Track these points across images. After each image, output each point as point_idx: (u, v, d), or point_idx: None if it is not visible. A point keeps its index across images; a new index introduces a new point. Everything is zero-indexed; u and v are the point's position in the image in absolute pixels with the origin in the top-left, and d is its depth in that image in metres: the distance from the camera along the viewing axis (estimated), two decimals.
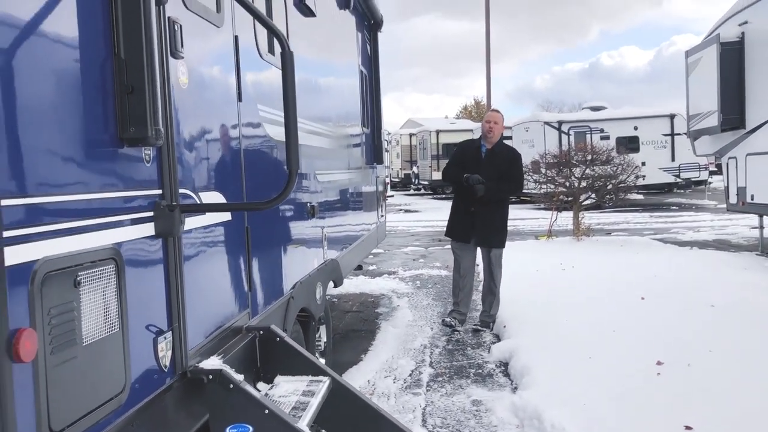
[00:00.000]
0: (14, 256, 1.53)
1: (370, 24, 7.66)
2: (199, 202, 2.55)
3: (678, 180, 23.03)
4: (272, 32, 2.44)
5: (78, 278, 1.76)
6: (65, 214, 1.75)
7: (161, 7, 2.21)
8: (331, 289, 5.20)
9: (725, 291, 7.16)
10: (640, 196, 22.51)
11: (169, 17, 2.28)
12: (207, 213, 2.65)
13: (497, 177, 6.12)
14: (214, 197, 2.70)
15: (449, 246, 6.70)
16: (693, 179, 23.20)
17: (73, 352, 1.73)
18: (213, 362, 2.49)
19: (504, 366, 5.24)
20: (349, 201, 6.09)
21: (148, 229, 2.17)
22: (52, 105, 1.74)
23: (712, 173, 24.53)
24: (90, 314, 1.81)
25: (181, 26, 2.35)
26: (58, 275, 1.68)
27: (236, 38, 3.01)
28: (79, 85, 1.86)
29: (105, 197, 1.94)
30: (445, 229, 6.59)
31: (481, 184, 6.03)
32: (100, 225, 1.89)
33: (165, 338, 2.23)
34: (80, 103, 1.85)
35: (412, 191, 35.80)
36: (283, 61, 2.37)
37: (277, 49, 3.48)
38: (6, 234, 1.50)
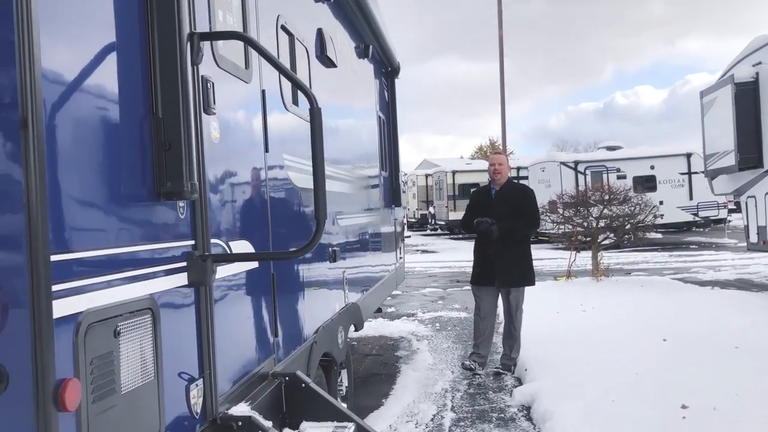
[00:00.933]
0: (61, 308, 1.61)
1: (387, 71, 7.86)
2: (228, 250, 2.63)
3: (696, 218, 22.89)
4: (302, 90, 2.55)
5: (118, 328, 1.84)
6: (107, 267, 1.84)
7: (195, 67, 2.33)
8: (351, 333, 5.23)
9: (749, 332, 7.08)
10: (659, 235, 22.34)
11: (202, 76, 2.40)
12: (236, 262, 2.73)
13: (511, 216, 6.16)
14: (243, 246, 2.78)
15: (468, 287, 6.72)
16: (712, 218, 23.04)
17: (113, 400, 1.80)
18: (242, 409, 2.54)
19: (526, 410, 5.20)
20: (368, 244, 6.16)
21: (182, 279, 2.25)
22: (97, 163, 1.84)
23: (731, 211, 24.35)
24: (128, 363, 1.88)
25: (213, 84, 2.47)
26: (100, 326, 1.76)
27: (263, 92, 3.13)
28: (121, 143, 1.96)
29: (143, 249, 2.03)
30: (461, 269, 6.62)
31: (492, 225, 6.07)
32: (138, 276, 1.98)
33: (197, 385, 2.29)
34: (122, 161, 1.96)
35: (428, 231, 35.83)
36: (312, 118, 2.47)
37: (302, 100, 3.63)
38: (54, 288, 1.58)
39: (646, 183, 21.48)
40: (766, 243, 10.28)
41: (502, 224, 6.09)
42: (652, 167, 22.44)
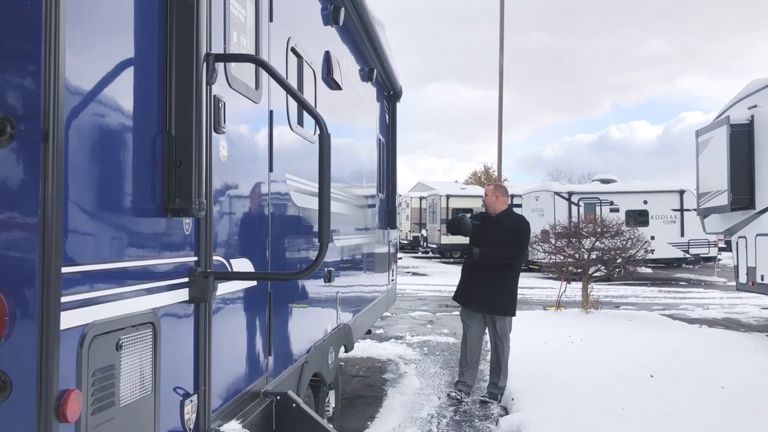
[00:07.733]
0: (69, 320, 1.63)
1: (389, 95, 7.95)
2: (229, 268, 2.65)
3: (687, 255, 23.02)
4: (313, 116, 2.59)
5: (120, 341, 1.86)
6: (113, 280, 1.86)
7: (209, 86, 2.37)
8: (341, 353, 5.23)
9: (735, 372, 7.11)
10: (649, 270, 22.42)
11: (214, 95, 2.44)
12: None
13: (503, 242, 6.24)
14: (243, 263, 2.81)
15: (457, 312, 6.74)
16: (702, 255, 23.17)
17: (111, 413, 1.81)
18: (233, 426, 2.55)
19: None
20: (363, 265, 6.18)
21: (183, 294, 2.27)
22: (109, 177, 1.88)
23: (721, 250, 24.51)
24: (128, 376, 1.90)
25: (224, 104, 2.51)
26: (103, 338, 1.78)
27: (271, 112, 3.18)
28: (133, 159, 1.99)
29: (148, 264, 2.05)
30: (451, 293, 6.67)
31: (465, 222, 6.40)
32: (142, 290, 2.00)
33: (191, 401, 2.30)
34: (133, 176, 1.99)
35: (420, 254, 35.85)
36: (321, 143, 2.51)
37: (307, 121, 3.68)
38: (63, 299, 1.60)
39: (639, 217, 21.63)
40: (755, 284, 10.37)
41: (485, 245, 6.22)
42: (645, 202, 22.61)
